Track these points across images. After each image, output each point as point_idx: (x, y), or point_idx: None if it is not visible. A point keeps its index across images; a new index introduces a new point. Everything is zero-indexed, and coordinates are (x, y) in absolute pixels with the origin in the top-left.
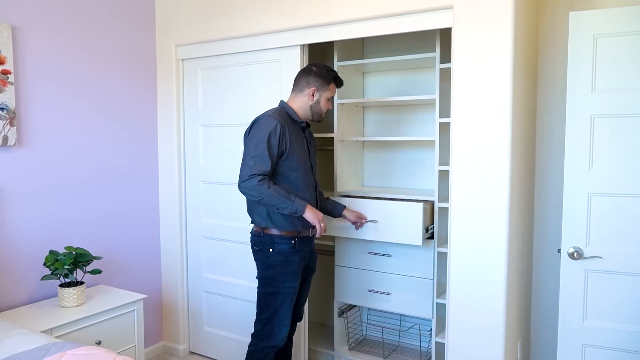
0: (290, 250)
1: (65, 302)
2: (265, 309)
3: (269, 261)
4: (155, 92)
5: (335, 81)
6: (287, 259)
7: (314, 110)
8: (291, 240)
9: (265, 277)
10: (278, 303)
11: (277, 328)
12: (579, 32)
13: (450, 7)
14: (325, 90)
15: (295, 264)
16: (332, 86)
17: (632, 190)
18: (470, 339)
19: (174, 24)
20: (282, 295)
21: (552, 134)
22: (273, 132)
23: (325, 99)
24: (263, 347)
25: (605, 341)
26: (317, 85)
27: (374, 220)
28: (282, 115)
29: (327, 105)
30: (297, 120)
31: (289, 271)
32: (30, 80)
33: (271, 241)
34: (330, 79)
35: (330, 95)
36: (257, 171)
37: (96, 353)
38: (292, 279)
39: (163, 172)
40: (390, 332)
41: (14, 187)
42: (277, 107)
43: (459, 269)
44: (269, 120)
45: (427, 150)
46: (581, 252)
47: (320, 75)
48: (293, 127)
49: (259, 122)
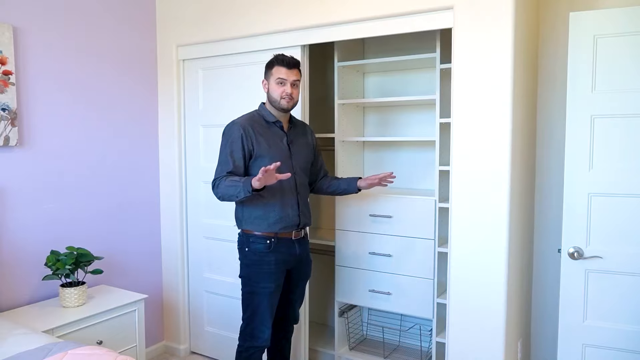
0: (264, 250)
1: (67, 302)
2: (246, 308)
3: (246, 260)
4: (156, 93)
5: (277, 62)
6: (261, 258)
7: (270, 100)
8: (266, 240)
9: (242, 276)
10: (256, 303)
11: (258, 329)
12: (579, 33)
13: (450, 7)
14: (270, 75)
15: (270, 265)
16: (277, 68)
17: (633, 190)
18: (470, 339)
19: (174, 24)
20: (258, 295)
21: (553, 134)
22: (235, 136)
23: (274, 83)
24: (247, 347)
25: (605, 341)
26: (265, 74)
27: (389, 216)
28: (250, 118)
29: (279, 89)
30: (270, 120)
31: (262, 271)
32: (31, 81)
33: (247, 240)
34: (273, 62)
35: (276, 77)
36: (217, 176)
37: (97, 353)
38: (266, 279)
39: (164, 173)
40: (390, 332)
41: (16, 187)
42: (252, 111)
43: (459, 269)
44: (230, 127)
45: (427, 151)
46: (581, 252)
47: (266, 65)
48: (265, 128)
49: (224, 129)
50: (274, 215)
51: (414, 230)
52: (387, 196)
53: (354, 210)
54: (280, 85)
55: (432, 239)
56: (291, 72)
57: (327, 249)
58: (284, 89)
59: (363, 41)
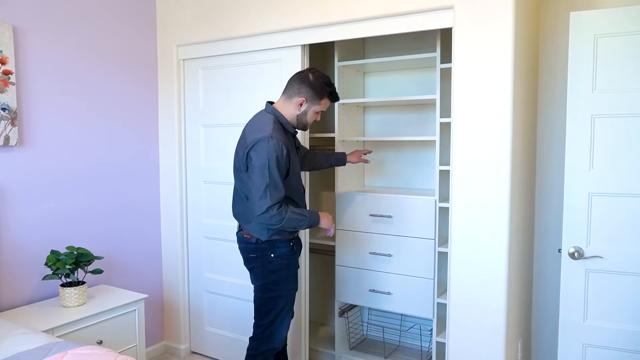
0: (290, 253)
1: (67, 301)
2: (267, 314)
3: (271, 266)
4: (157, 92)
5: (329, 96)
6: (288, 261)
7: (299, 120)
8: (290, 242)
9: (266, 283)
10: (280, 306)
11: (278, 331)
12: (580, 32)
13: (450, 7)
14: (316, 104)
15: (296, 266)
16: (325, 101)
17: (633, 190)
18: (471, 339)
19: (175, 24)
20: (284, 298)
21: (553, 134)
22: (280, 156)
23: (314, 112)
24: (264, 350)
25: (605, 341)
26: (308, 96)
27: (389, 215)
28: (280, 131)
29: (314, 117)
30: (290, 131)
31: (290, 273)
32: (31, 81)
33: (272, 246)
34: (324, 94)
35: (320, 109)
36: (273, 201)
37: (97, 353)
38: (293, 280)
39: (164, 172)
40: (391, 332)
41: (16, 187)
42: (270, 117)
43: (459, 269)
44: (272, 142)
45: (427, 150)
46: (582, 251)
47: (313, 87)
48: (288, 139)
49: (261, 144)
50: None
51: (414, 230)
52: (388, 196)
53: (355, 210)
54: (317, 114)
55: (432, 238)
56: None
57: (328, 248)
58: (317, 117)
59: (363, 41)
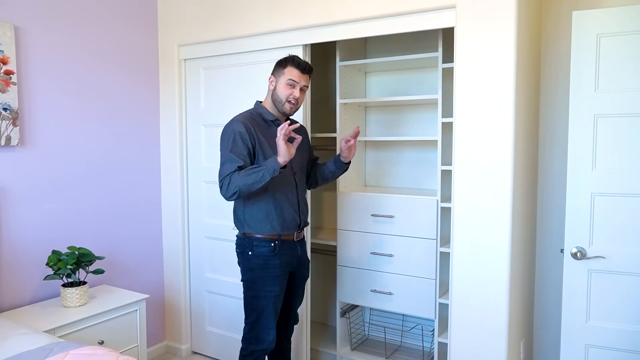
0: (269, 254)
1: (68, 302)
2: (251, 312)
3: (249, 264)
4: (158, 92)
5: (292, 63)
6: (266, 262)
7: (274, 99)
8: (271, 243)
9: (246, 280)
10: (260, 307)
11: (264, 332)
12: (582, 32)
13: (452, 6)
14: (281, 74)
15: (276, 268)
16: (289, 69)
17: (636, 190)
18: (473, 339)
19: (176, 24)
20: (263, 299)
21: (555, 134)
22: (238, 133)
23: (284, 83)
24: (252, 350)
25: (608, 341)
26: (274, 72)
27: (391, 216)
28: (249, 116)
29: (288, 90)
30: (269, 118)
31: (268, 275)
32: (33, 81)
33: (250, 244)
34: (287, 62)
35: (288, 77)
36: (227, 172)
37: (99, 353)
38: (272, 283)
39: (165, 172)
40: (392, 332)
41: (17, 187)
42: (248, 109)
43: (461, 269)
44: (232, 124)
45: (429, 150)
46: (584, 252)
47: (278, 63)
48: (264, 127)
49: (223, 129)
50: (277, 216)
51: (416, 230)
52: (389, 196)
53: (356, 210)
54: (290, 87)
55: (434, 238)
56: (303, 77)
57: (329, 249)
58: (292, 91)
59: (365, 40)
